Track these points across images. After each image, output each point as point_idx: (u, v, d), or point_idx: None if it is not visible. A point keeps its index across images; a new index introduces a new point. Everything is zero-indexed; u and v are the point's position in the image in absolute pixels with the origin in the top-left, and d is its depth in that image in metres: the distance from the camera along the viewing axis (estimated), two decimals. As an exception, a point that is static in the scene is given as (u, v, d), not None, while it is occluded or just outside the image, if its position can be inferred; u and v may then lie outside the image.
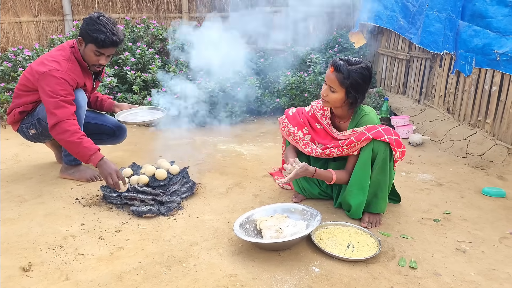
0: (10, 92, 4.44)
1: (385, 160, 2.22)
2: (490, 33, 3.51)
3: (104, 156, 2.54)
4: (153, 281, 1.81)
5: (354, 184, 2.31)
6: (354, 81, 2.15)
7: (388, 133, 2.20)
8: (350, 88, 2.16)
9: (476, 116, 3.78)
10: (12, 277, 1.82)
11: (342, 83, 2.16)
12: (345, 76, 2.14)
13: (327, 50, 5.57)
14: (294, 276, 1.86)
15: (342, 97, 2.20)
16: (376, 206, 2.33)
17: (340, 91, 2.19)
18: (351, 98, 2.20)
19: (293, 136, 2.52)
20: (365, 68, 2.17)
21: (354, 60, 2.18)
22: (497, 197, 2.78)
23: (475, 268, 1.96)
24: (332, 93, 2.21)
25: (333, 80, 2.17)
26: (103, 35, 2.60)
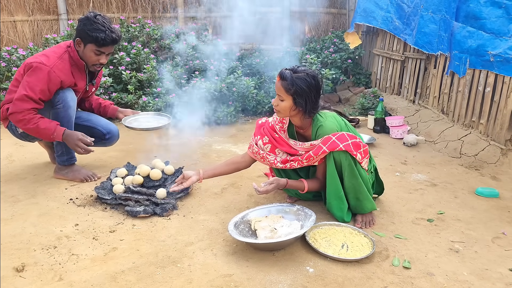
0: (4, 91, 4.41)
1: (350, 165, 2.23)
2: (484, 34, 3.53)
3: (65, 129, 2.61)
4: (147, 281, 1.81)
5: (331, 197, 2.34)
6: (299, 87, 2.16)
7: (342, 140, 2.19)
8: (295, 95, 2.18)
9: (470, 116, 3.80)
10: (5, 277, 1.82)
11: (287, 90, 2.18)
12: (289, 83, 2.16)
13: (322, 50, 5.59)
14: (288, 276, 1.86)
15: (290, 104, 2.21)
16: (363, 207, 2.34)
17: (287, 99, 2.20)
18: (299, 105, 2.21)
19: (252, 149, 2.52)
20: (310, 75, 2.19)
21: (300, 68, 2.21)
22: (490, 197, 2.80)
23: (468, 268, 1.97)
24: (281, 102, 2.23)
25: (280, 88, 2.20)
26: (102, 34, 2.60)
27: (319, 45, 5.73)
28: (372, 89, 5.32)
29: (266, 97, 4.83)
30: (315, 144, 2.28)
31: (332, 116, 2.32)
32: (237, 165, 2.58)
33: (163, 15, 5.89)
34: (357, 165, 2.25)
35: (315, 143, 2.28)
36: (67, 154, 2.85)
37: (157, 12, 5.84)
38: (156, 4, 5.82)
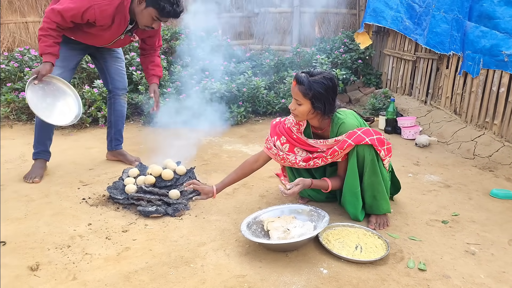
0: (16, 92, 4.45)
1: (373, 161, 2.21)
2: (498, 34, 3.49)
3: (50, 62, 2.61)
4: (160, 281, 1.81)
5: (347, 191, 2.34)
6: (317, 92, 2.14)
7: (368, 135, 2.19)
8: (314, 99, 2.16)
9: (484, 117, 3.76)
10: (20, 276, 1.82)
11: (305, 95, 2.16)
12: (307, 88, 2.14)
13: (332, 51, 5.56)
14: (302, 277, 1.85)
15: (308, 108, 2.20)
16: (378, 208, 2.32)
17: (305, 103, 2.19)
18: (318, 108, 2.19)
19: (272, 151, 2.48)
20: (327, 78, 2.17)
21: (316, 71, 2.20)
22: (505, 199, 2.76)
23: (485, 271, 1.94)
24: (299, 106, 2.21)
25: (297, 93, 2.18)
26: (169, 6, 2.57)
27: (329, 45, 5.70)
28: (383, 89, 5.28)
29: (276, 98, 4.82)
30: (339, 139, 2.26)
31: (351, 113, 2.32)
32: (252, 166, 2.55)
33: (173, 16, 5.90)
34: (380, 162, 2.24)
35: (340, 138, 2.26)
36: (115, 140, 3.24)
37: (167, 13, 5.85)
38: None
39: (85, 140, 3.91)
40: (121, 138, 3.29)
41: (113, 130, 3.25)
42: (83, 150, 3.60)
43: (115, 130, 3.25)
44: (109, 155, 3.31)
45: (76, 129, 4.21)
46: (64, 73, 2.82)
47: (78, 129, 4.22)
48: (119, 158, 3.27)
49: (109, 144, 3.30)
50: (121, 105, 3.23)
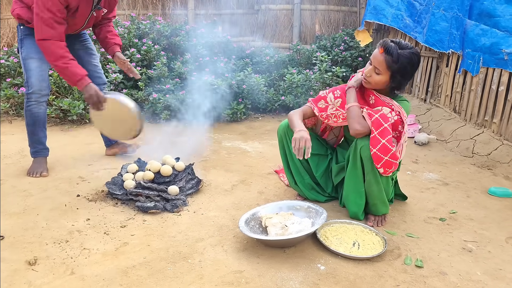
0: (16, 87, 4.45)
1: (374, 170, 2.15)
2: (498, 32, 3.49)
3: (90, 82, 2.59)
4: (158, 276, 1.81)
5: (350, 191, 2.31)
6: (402, 65, 2.06)
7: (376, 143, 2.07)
8: (397, 73, 2.08)
9: (483, 115, 3.76)
10: (18, 270, 1.83)
11: (389, 66, 2.07)
12: (394, 60, 2.05)
13: (333, 48, 5.56)
14: (299, 273, 1.85)
15: (386, 80, 2.12)
16: (377, 210, 2.31)
17: (385, 74, 2.10)
18: (395, 82, 2.12)
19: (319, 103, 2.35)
20: (415, 53, 2.09)
21: (405, 44, 2.10)
22: (503, 197, 2.76)
23: (482, 268, 1.94)
24: (376, 75, 2.12)
25: (381, 61, 2.08)
26: None
27: (329, 43, 5.70)
28: (382, 87, 5.28)
29: (276, 95, 4.81)
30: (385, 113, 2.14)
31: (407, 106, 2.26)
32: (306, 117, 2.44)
33: (173, 12, 5.91)
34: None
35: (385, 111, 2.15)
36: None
37: (167, 9, 5.86)
38: (166, 1, 5.83)
39: (84, 135, 3.91)
40: None
41: None
42: (82, 145, 3.60)
43: None
44: (108, 151, 3.32)
45: (76, 125, 4.22)
46: (42, 65, 2.79)
47: (77, 125, 4.22)
48: (119, 148, 3.28)
49: (106, 140, 3.29)
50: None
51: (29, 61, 2.76)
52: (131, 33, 4.98)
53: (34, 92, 2.78)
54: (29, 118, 2.85)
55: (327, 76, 4.86)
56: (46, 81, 2.83)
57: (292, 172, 2.55)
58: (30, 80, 2.77)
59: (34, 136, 2.90)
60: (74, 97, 4.34)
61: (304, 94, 4.81)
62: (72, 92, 4.43)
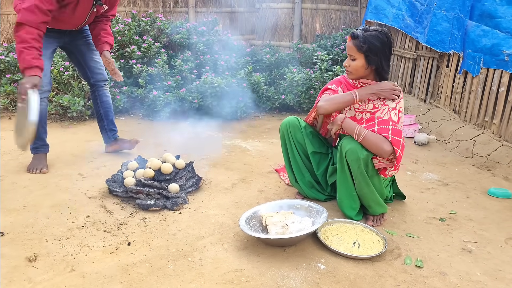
0: (16, 83, 4.44)
1: (362, 174, 2.17)
2: (499, 33, 3.49)
3: (35, 76, 2.44)
4: (158, 274, 1.81)
5: (343, 195, 2.32)
6: (372, 44, 2.13)
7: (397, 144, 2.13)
8: (369, 52, 2.14)
9: (483, 116, 3.76)
10: (18, 267, 1.83)
11: (359, 48, 2.15)
12: (361, 41, 2.14)
13: (333, 47, 5.55)
14: (300, 272, 1.86)
15: (362, 63, 2.18)
16: (374, 210, 2.31)
17: (359, 57, 2.18)
18: (373, 62, 2.17)
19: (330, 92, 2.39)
20: (382, 32, 2.16)
21: (372, 28, 2.19)
22: (503, 198, 2.77)
23: (481, 268, 1.95)
24: (353, 62, 2.20)
25: (351, 47, 2.18)
26: None
27: (330, 42, 5.69)
28: (382, 87, 5.27)
29: (276, 93, 4.81)
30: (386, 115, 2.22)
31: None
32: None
33: (174, 10, 5.90)
34: (370, 172, 2.19)
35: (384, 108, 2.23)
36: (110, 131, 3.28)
37: (168, 7, 5.85)
38: (167, -2, 5.82)
39: (84, 132, 3.90)
40: (115, 128, 3.29)
41: (105, 122, 3.24)
42: (82, 142, 3.60)
43: (107, 121, 3.24)
44: (108, 148, 3.31)
45: (75, 122, 4.21)
46: (44, 61, 2.74)
47: (77, 122, 4.22)
48: (119, 145, 3.28)
49: (105, 138, 3.29)
50: (106, 96, 3.22)
51: None
52: (131, 30, 4.97)
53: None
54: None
55: (327, 75, 4.86)
56: (47, 77, 2.82)
57: (293, 170, 2.56)
58: None
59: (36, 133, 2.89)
60: (74, 93, 4.33)
61: (305, 93, 4.81)
62: (72, 89, 4.42)
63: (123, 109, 4.53)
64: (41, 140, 2.93)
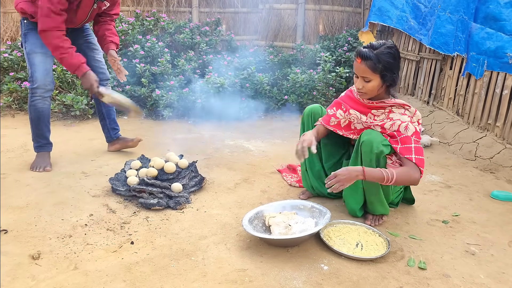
0: (19, 81, 4.44)
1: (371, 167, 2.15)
2: (504, 36, 3.48)
3: (88, 70, 2.72)
4: (161, 273, 1.81)
5: (350, 186, 2.25)
6: (386, 62, 2.06)
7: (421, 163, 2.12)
8: (385, 71, 2.07)
9: (486, 119, 3.76)
10: (21, 264, 1.83)
11: (374, 70, 2.07)
12: (375, 62, 2.05)
13: (336, 49, 5.55)
14: (302, 273, 1.85)
15: (378, 83, 2.11)
16: (374, 208, 2.31)
17: (375, 78, 2.10)
18: (388, 80, 2.11)
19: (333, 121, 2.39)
20: (391, 46, 2.10)
21: (376, 43, 2.11)
22: (506, 201, 2.76)
23: (485, 271, 1.94)
24: (368, 83, 2.12)
25: (364, 70, 2.08)
26: None
27: (333, 43, 5.69)
28: (385, 89, 5.27)
29: (279, 94, 4.81)
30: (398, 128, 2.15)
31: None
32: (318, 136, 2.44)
33: (178, 9, 5.90)
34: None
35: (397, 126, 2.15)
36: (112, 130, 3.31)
37: (171, 6, 5.85)
38: (171, -2, 5.83)
39: (87, 131, 3.91)
40: (117, 126, 3.30)
41: (107, 121, 3.25)
42: (85, 141, 3.60)
43: (109, 120, 3.25)
44: (110, 147, 3.32)
45: (78, 120, 4.22)
46: (46, 60, 2.80)
47: (80, 120, 4.22)
48: (121, 144, 3.28)
49: (108, 136, 3.30)
50: None
51: (33, 55, 2.76)
52: (135, 29, 4.98)
53: (39, 87, 2.78)
54: (33, 113, 2.85)
55: (330, 76, 4.86)
56: (50, 76, 2.83)
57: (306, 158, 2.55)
58: (35, 75, 2.77)
59: (38, 131, 2.90)
60: (77, 92, 4.34)
61: (307, 94, 4.81)
62: (75, 87, 4.42)
63: (126, 108, 4.53)
64: (44, 138, 2.94)
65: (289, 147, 3.63)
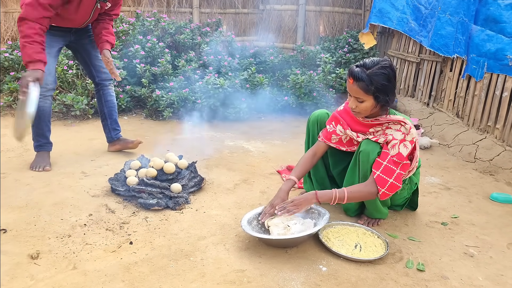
0: (19, 81, 4.45)
1: (366, 177, 2.15)
2: (504, 38, 3.49)
3: (39, 69, 2.47)
4: (160, 273, 1.82)
5: (346, 185, 2.29)
6: (379, 84, 1.99)
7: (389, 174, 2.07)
8: (378, 92, 2.00)
9: (486, 121, 3.76)
10: (20, 264, 1.83)
11: (367, 91, 2.00)
12: (368, 83, 1.98)
13: (336, 50, 5.56)
14: (301, 274, 1.86)
15: (372, 103, 2.05)
16: (370, 213, 2.32)
17: (368, 99, 2.03)
18: (382, 100, 2.04)
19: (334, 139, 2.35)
20: (385, 67, 2.01)
21: (370, 62, 2.03)
22: (505, 203, 2.76)
23: (483, 273, 1.95)
24: (361, 103, 2.06)
25: (357, 90, 2.02)
26: None
27: (333, 44, 5.70)
28: (385, 90, 5.27)
29: (279, 95, 4.81)
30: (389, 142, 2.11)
31: (408, 120, 2.17)
32: (312, 160, 2.40)
33: (178, 10, 5.91)
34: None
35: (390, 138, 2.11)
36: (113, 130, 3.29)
37: (172, 7, 5.86)
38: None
39: (87, 131, 3.91)
40: (118, 127, 3.30)
41: (109, 121, 3.26)
42: (85, 141, 3.61)
43: (111, 120, 3.26)
44: (111, 147, 3.32)
45: (79, 120, 4.22)
46: (49, 60, 2.77)
47: (80, 120, 4.23)
48: (121, 145, 3.28)
49: (108, 136, 3.30)
50: (110, 95, 3.23)
51: None
52: (135, 29, 4.99)
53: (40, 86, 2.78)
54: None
55: (330, 77, 4.86)
56: (52, 75, 2.83)
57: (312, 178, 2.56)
58: None
59: (38, 130, 2.90)
60: (78, 92, 4.34)
61: (308, 95, 4.81)
62: (75, 87, 4.43)
63: (126, 108, 4.55)
64: (44, 138, 2.94)
65: (288, 148, 3.64)
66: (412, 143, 2.11)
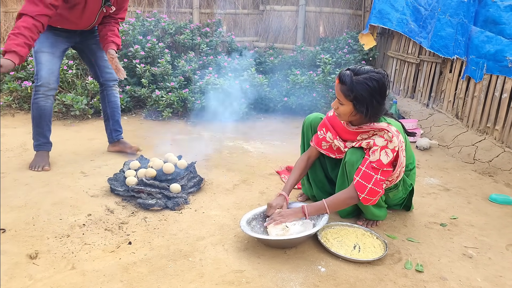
0: (19, 80, 4.45)
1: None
2: (503, 39, 3.49)
3: (12, 62, 2.35)
4: (159, 273, 1.82)
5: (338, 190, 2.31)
6: (359, 94, 1.94)
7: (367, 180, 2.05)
8: (356, 101, 1.97)
9: (485, 122, 3.76)
10: (19, 264, 1.83)
11: (346, 96, 1.98)
12: (348, 88, 1.95)
13: (336, 51, 5.56)
14: (300, 274, 1.86)
15: (350, 109, 2.02)
16: (368, 217, 2.33)
17: (347, 104, 2.01)
18: (360, 111, 2.00)
19: (325, 145, 2.35)
20: (372, 79, 1.94)
21: (362, 69, 1.98)
22: (504, 204, 2.76)
23: (482, 274, 1.95)
24: (341, 106, 2.04)
25: (338, 93, 2.01)
26: None
27: (333, 45, 5.70)
28: (385, 91, 5.27)
29: (279, 96, 4.82)
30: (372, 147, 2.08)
31: (398, 126, 2.14)
32: (308, 163, 2.43)
33: (178, 10, 5.91)
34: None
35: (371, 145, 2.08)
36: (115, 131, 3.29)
37: (172, 7, 5.86)
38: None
39: (87, 131, 3.91)
40: (120, 128, 3.31)
41: (111, 122, 3.26)
42: (85, 141, 3.61)
43: (113, 121, 3.26)
44: (111, 147, 3.32)
45: (78, 120, 4.22)
46: (53, 60, 2.82)
47: (80, 120, 4.23)
48: (120, 147, 3.29)
49: (109, 137, 3.31)
50: (114, 96, 3.24)
51: (40, 54, 2.78)
52: (135, 30, 4.99)
53: (43, 85, 2.79)
54: (35, 111, 2.86)
55: (330, 78, 4.86)
56: (55, 75, 2.84)
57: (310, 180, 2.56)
58: (40, 73, 2.79)
59: (39, 129, 2.91)
60: (77, 92, 4.34)
61: (307, 96, 4.81)
62: (75, 87, 4.43)
63: (126, 108, 4.55)
64: (44, 137, 2.94)
65: (288, 149, 3.63)
66: (393, 152, 2.05)
